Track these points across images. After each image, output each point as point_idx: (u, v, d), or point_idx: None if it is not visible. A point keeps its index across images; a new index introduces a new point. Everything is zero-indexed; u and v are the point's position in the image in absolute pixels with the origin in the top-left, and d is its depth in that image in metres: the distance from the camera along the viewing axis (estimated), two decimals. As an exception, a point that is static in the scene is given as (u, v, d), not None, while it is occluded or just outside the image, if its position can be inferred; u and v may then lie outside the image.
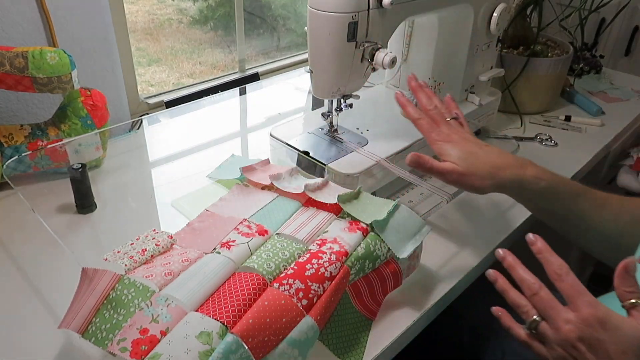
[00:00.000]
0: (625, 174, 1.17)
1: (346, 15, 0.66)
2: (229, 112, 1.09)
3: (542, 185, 0.63)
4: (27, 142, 0.77)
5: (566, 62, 1.08)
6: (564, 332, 0.47)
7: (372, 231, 0.59)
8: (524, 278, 0.50)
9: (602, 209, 0.64)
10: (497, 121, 1.05)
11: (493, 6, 0.86)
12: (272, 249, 0.56)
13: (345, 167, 0.73)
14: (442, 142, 0.65)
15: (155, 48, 1.61)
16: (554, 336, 0.48)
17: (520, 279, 0.51)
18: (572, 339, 0.46)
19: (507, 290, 0.52)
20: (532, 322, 0.50)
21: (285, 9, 1.51)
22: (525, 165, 0.64)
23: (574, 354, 0.47)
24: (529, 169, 0.63)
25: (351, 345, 0.56)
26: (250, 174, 0.71)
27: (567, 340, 0.47)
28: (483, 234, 0.74)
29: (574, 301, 0.47)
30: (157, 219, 0.75)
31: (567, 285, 0.47)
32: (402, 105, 0.70)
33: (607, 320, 0.46)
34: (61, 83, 0.75)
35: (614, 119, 1.10)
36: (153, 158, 0.91)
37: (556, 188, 0.63)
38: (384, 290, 0.60)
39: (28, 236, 0.69)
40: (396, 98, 0.71)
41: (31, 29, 0.81)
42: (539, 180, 0.63)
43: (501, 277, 0.53)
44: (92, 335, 0.47)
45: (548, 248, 0.50)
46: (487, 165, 0.62)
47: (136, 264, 0.54)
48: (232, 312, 0.47)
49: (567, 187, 0.64)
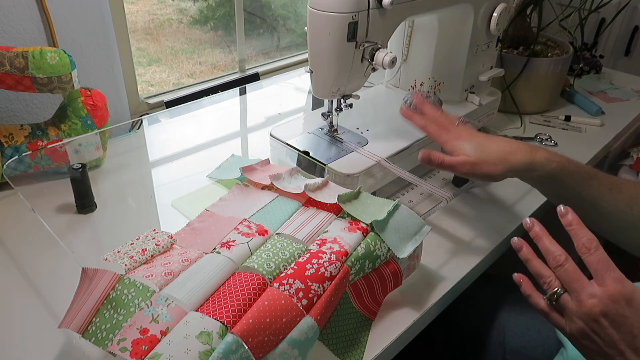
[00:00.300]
0: (625, 174, 1.17)
1: (346, 15, 0.66)
2: (229, 112, 1.09)
3: (554, 167, 0.63)
4: (27, 142, 0.77)
5: (566, 62, 1.08)
6: (587, 306, 0.46)
7: (372, 231, 0.59)
8: (550, 249, 0.50)
9: (616, 192, 0.64)
10: (497, 121, 1.05)
11: (493, 6, 0.86)
12: (272, 249, 0.56)
13: (345, 167, 0.73)
14: (452, 140, 0.66)
15: (155, 48, 1.61)
16: (576, 309, 0.48)
17: (546, 249, 0.50)
18: (595, 313, 0.46)
19: (531, 259, 0.52)
20: (553, 293, 0.49)
21: (285, 9, 1.51)
22: (536, 149, 0.64)
23: (595, 328, 0.47)
24: (540, 152, 0.64)
25: (351, 345, 0.56)
26: (250, 174, 0.71)
27: (590, 314, 0.46)
28: (483, 233, 0.74)
29: (601, 275, 0.47)
30: (157, 219, 0.75)
31: (595, 259, 0.47)
32: (408, 118, 0.72)
33: (634, 297, 0.45)
34: (61, 83, 0.75)
35: (614, 119, 1.10)
36: (153, 158, 0.91)
37: (568, 169, 0.64)
38: (384, 290, 0.60)
39: (28, 236, 0.69)
40: (402, 113, 0.72)
41: (31, 29, 0.81)
42: (550, 162, 0.63)
43: (526, 246, 0.53)
44: (92, 335, 0.47)
45: (579, 221, 0.50)
46: (498, 151, 0.64)
47: (136, 263, 0.54)
48: (232, 312, 0.47)
49: (579, 169, 0.64)
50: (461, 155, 0.64)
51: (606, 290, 0.46)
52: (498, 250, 0.73)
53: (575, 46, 1.14)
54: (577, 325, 0.48)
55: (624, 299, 0.45)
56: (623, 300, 0.45)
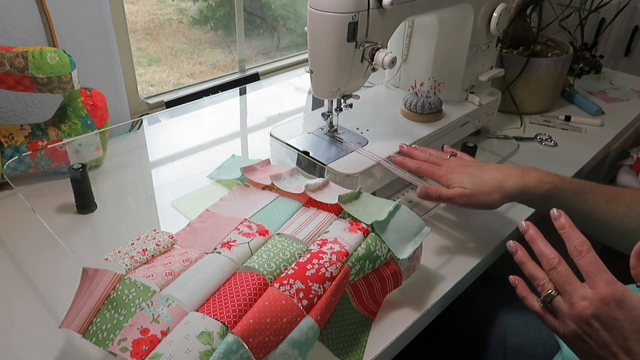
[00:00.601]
0: (625, 174, 1.17)
1: (346, 15, 0.66)
2: (229, 112, 1.09)
3: (546, 188, 0.64)
4: (27, 142, 0.77)
5: (566, 62, 1.08)
6: (579, 308, 0.47)
7: (372, 232, 0.59)
8: (544, 252, 0.51)
9: (613, 203, 0.65)
10: (497, 121, 1.05)
11: (493, 6, 0.86)
12: (273, 249, 0.56)
13: (345, 167, 0.73)
14: (447, 174, 0.68)
15: (155, 48, 1.61)
16: (568, 311, 0.48)
17: (540, 252, 0.51)
18: (586, 316, 0.47)
19: (526, 262, 0.53)
20: (547, 295, 0.50)
21: (285, 9, 1.51)
22: (527, 172, 0.66)
23: (587, 330, 0.47)
24: (531, 175, 0.65)
25: (351, 345, 0.56)
26: (250, 174, 0.71)
27: (581, 316, 0.47)
28: (483, 234, 0.74)
29: (592, 278, 0.47)
30: (157, 219, 0.75)
31: (586, 261, 0.48)
32: (400, 164, 0.73)
33: (624, 299, 0.46)
34: (61, 83, 0.75)
35: (614, 119, 1.10)
36: (153, 158, 0.91)
37: (561, 188, 0.65)
38: (384, 290, 0.60)
39: (28, 236, 0.69)
40: (394, 161, 0.74)
41: (31, 29, 0.81)
42: (542, 183, 0.64)
43: (521, 249, 0.54)
44: (93, 336, 0.47)
45: (571, 224, 0.51)
46: (491, 180, 0.65)
47: (137, 264, 0.54)
48: (233, 312, 0.47)
49: (572, 186, 0.65)
50: (457, 187, 0.66)
51: (597, 293, 0.46)
52: (497, 251, 0.73)
53: (575, 46, 1.14)
54: (570, 328, 0.49)
55: (615, 301, 0.46)
56: (614, 302, 0.46)
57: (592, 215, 0.65)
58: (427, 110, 0.85)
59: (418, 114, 0.86)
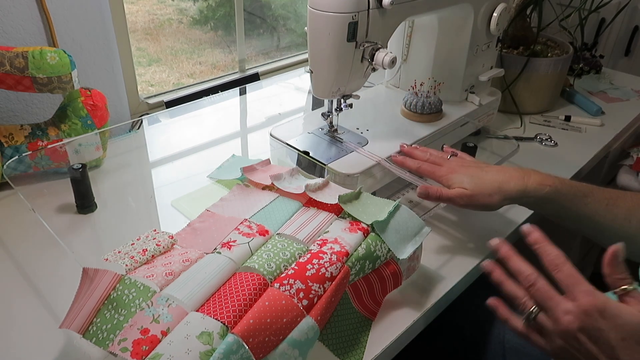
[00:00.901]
0: (625, 174, 1.17)
1: (346, 15, 0.66)
2: (229, 112, 1.09)
3: (547, 191, 0.64)
4: (27, 142, 0.77)
5: (566, 62, 1.08)
6: (564, 323, 0.47)
7: (372, 232, 0.59)
8: (521, 269, 0.50)
9: (613, 207, 0.64)
10: (497, 121, 1.05)
11: (493, 6, 0.86)
12: (273, 249, 0.56)
13: (345, 167, 0.73)
14: (447, 175, 0.68)
15: (155, 48, 1.61)
16: (553, 327, 0.48)
17: (517, 270, 0.51)
18: (572, 330, 0.46)
19: (504, 281, 0.52)
20: (530, 313, 0.50)
21: (285, 9, 1.51)
22: (528, 175, 0.65)
23: (574, 345, 0.47)
24: (532, 177, 0.65)
25: (351, 345, 0.56)
26: (251, 174, 0.71)
27: (567, 331, 0.47)
28: (483, 234, 0.74)
29: (572, 290, 0.47)
30: (157, 219, 0.75)
31: (564, 275, 0.48)
32: (401, 164, 0.73)
33: (606, 308, 0.45)
34: (61, 83, 0.75)
35: (614, 119, 1.10)
36: (153, 158, 0.91)
37: (561, 191, 0.65)
38: (384, 290, 0.60)
39: (28, 236, 0.69)
40: (394, 161, 0.74)
41: (31, 29, 0.81)
42: (542, 186, 0.64)
43: (497, 268, 0.53)
44: (93, 336, 0.47)
45: (544, 238, 0.50)
46: (491, 182, 0.65)
47: (137, 264, 0.54)
48: (233, 312, 0.47)
49: (572, 189, 0.65)
50: (458, 188, 0.66)
51: (579, 305, 0.46)
52: (498, 251, 0.73)
53: (575, 46, 1.14)
54: (558, 344, 0.48)
55: (597, 311, 0.45)
56: (596, 312, 0.45)
57: (592, 218, 0.65)
58: (427, 110, 0.85)
59: (418, 114, 0.86)
